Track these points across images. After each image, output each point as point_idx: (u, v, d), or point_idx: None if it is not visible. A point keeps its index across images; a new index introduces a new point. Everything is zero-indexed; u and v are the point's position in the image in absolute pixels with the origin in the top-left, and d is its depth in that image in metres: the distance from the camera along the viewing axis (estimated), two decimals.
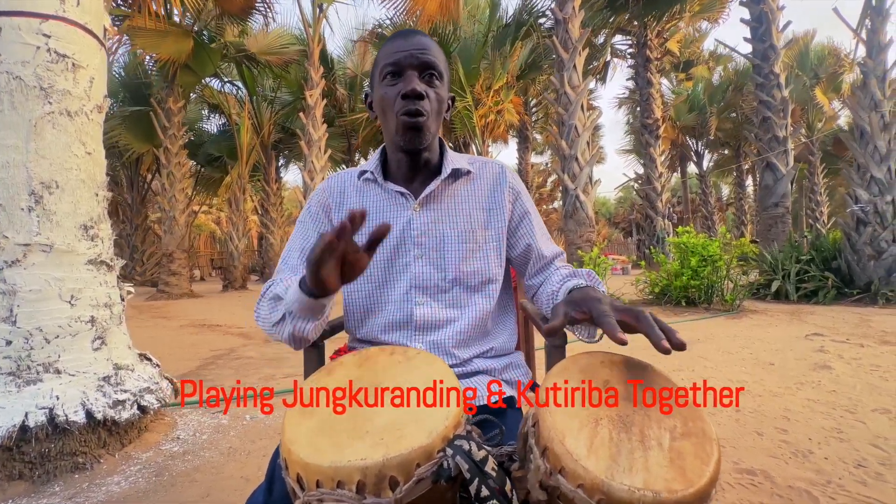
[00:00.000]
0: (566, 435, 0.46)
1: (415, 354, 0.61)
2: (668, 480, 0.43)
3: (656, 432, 0.48)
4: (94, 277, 1.96)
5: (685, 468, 0.44)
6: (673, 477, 0.43)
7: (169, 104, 9.26)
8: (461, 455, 0.45)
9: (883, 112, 5.85)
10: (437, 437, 0.46)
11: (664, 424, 0.49)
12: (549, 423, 0.48)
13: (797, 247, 6.36)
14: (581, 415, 0.49)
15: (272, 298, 0.77)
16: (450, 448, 0.46)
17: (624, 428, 0.48)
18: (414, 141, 0.80)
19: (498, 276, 0.86)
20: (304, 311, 0.68)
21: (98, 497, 1.61)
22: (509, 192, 0.88)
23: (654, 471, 0.43)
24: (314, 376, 0.59)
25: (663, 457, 0.45)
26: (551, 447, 0.46)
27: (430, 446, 0.45)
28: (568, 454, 0.45)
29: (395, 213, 0.86)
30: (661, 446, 0.46)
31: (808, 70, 13.71)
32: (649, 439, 0.47)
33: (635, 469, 0.43)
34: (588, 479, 0.43)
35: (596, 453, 0.45)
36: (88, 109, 2.00)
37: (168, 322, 6.12)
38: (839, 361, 3.02)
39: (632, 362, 0.57)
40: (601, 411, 0.49)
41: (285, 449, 0.48)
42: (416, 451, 0.44)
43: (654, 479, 0.42)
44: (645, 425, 0.48)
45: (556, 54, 7.29)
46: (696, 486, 0.43)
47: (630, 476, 0.43)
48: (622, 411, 0.50)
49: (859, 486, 1.54)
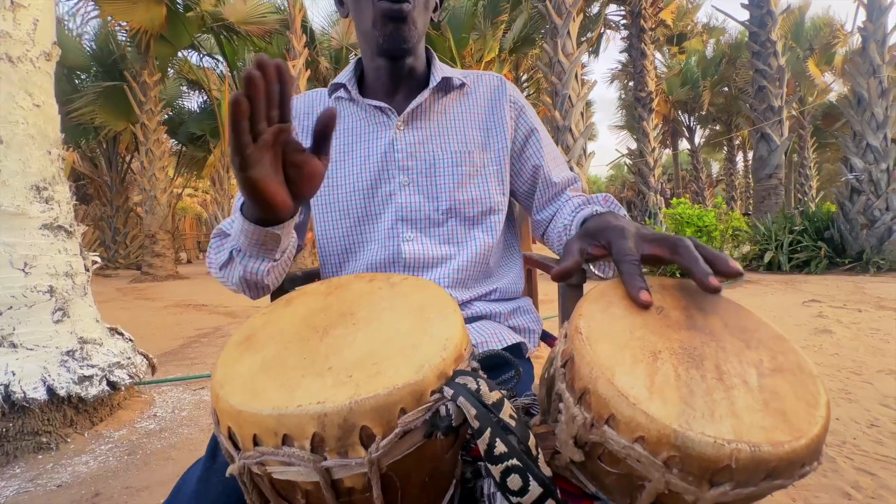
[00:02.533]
0: (616, 371, 0.33)
1: (400, 280, 0.47)
2: (768, 429, 0.30)
3: (737, 367, 0.35)
4: (52, 244, 1.78)
5: (786, 413, 0.31)
6: (773, 424, 0.30)
7: (144, 77, 8.79)
8: (466, 396, 0.32)
9: (881, 78, 5.73)
10: (432, 373, 0.32)
11: (746, 358, 0.36)
12: (589, 357, 0.34)
13: (790, 218, 6.32)
14: (632, 346, 0.35)
15: (217, 235, 0.63)
16: (449, 387, 0.32)
17: (693, 363, 0.34)
18: (396, 36, 0.64)
19: (501, 205, 0.71)
20: (253, 247, 0.52)
21: (63, 478, 1.47)
22: (510, 108, 0.73)
23: (744, 417, 0.30)
24: (268, 307, 0.45)
25: (753, 398, 0.32)
26: (595, 389, 0.33)
27: (420, 384, 0.32)
28: (621, 396, 0.31)
29: (374, 133, 0.70)
30: (748, 385, 0.33)
31: (803, 41, 13.52)
32: (730, 376, 0.34)
33: (718, 415, 0.30)
34: (653, 429, 0.30)
35: (661, 395, 0.31)
36: (34, 56, 1.77)
37: (152, 303, 5.92)
38: (839, 326, 2.98)
39: (688, 285, 0.44)
40: (658, 342, 0.36)
41: (213, 395, 0.34)
42: (400, 391, 0.31)
43: (747, 428, 0.30)
44: (721, 359, 0.35)
45: (549, 21, 7.01)
46: (808, 434, 0.30)
47: (713, 424, 0.30)
48: (686, 342, 0.36)
49: (875, 445, 1.47)
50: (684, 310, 0.40)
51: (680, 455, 0.29)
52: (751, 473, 0.29)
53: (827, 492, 1.23)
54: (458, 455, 0.41)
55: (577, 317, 0.38)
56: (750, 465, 0.29)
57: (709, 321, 0.39)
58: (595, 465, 0.35)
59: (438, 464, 0.37)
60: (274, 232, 0.50)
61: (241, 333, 0.41)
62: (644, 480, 0.32)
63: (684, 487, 0.30)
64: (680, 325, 0.38)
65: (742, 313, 0.41)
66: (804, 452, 0.30)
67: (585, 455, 0.35)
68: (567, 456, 0.35)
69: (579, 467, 0.37)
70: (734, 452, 0.28)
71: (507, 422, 0.32)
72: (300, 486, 0.33)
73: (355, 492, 0.32)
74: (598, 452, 0.34)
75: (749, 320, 0.40)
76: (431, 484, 0.37)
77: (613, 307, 0.40)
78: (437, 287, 0.44)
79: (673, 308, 0.40)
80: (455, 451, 0.39)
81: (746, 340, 0.38)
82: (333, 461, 0.30)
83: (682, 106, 17.36)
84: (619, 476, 0.34)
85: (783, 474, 0.30)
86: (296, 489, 0.33)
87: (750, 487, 0.30)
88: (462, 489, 0.42)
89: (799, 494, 1.23)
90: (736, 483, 0.29)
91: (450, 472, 0.40)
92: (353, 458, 0.30)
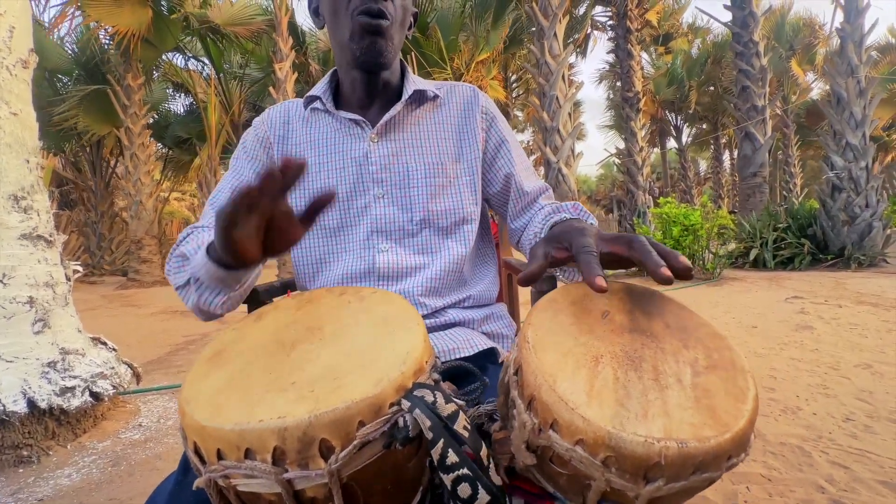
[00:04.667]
0: (557, 378, 0.35)
1: (370, 294, 0.48)
2: (696, 426, 0.32)
3: (673, 367, 0.37)
4: (31, 254, 1.76)
5: (715, 408, 0.33)
6: (702, 421, 0.32)
7: (128, 81, 8.67)
8: (422, 408, 0.33)
9: (859, 78, 5.87)
10: (390, 387, 0.34)
11: (682, 357, 0.38)
12: (534, 365, 0.36)
13: (775, 215, 6.45)
14: (576, 353, 0.37)
15: (179, 256, 0.61)
16: (407, 400, 0.34)
17: (632, 365, 0.36)
18: (373, 50, 0.65)
19: (473, 215, 0.73)
20: (212, 282, 0.52)
21: (45, 491, 1.46)
22: (482, 119, 0.75)
23: (675, 414, 0.32)
24: (240, 322, 0.46)
25: (685, 396, 0.34)
26: (539, 395, 0.35)
27: (378, 398, 0.33)
28: (561, 402, 0.33)
29: (348, 145, 0.71)
30: (682, 383, 0.35)
31: (784, 42, 13.79)
32: (665, 376, 0.36)
33: (651, 414, 0.32)
34: (590, 431, 0.32)
35: (598, 398, 0.33)
36: (10, 63, 1.75)
37: (138, 310, 5.84)
38: (819, 322, 3.05)
39: (635, 289, 0.45)
40: (601, 346, 0.38)
41: (180, 411, 0.35)
42: (358, 405, 0.32)
43: (676, 426, 0.31)
44: (658, 360, 0.37)
45: (536, 22, 7.07)
46: (733, 429, 0.32)
47: (645, 423, 0.32)
48: (628, 346, 0.38)
49: (850, 439, 1.51)
50: (629, 313, 0.42)
51: (615, 455, 0.31)
52: (680, 468, 0.31)
53: (801, 485, 1.27)
54: (423, 462, 0.42)
55: (526, 325, 0.40)
56: (678, 461, 0.31)
57: (652, 323, 0.41)
58: (548, 466, 0.37)
59: (401, 472, 0.38)
60: (236, 275, 0.51)
61: (211, 349, 0.42)
62: (589, 480, 0.34)
63: (623, 485, 0.32)
64: (623, 329, 0.40)
65: (683, 314, 0.43)
66: (729, 446, 0.31)
67: (538, 458, 0.37)
68: (522, 460, 0.37)
69: (536, 469, 0.39)
70: (663, 450, 0.30)
71: (461, 433, 0.33)
72: (264, 497, 0.34)
73: (318, 501, 0.34)
74: (549, 455, 0.36)
75: (689, 320, 0.42)
76: (395, 492, 0.38)
77: (561, 314, 0.41)
78: (402, 300, 0.45)
79: (618, 312, 0.42)
80: (420, 459, 0.41)
81: (685, 340, 0.40)
82: (294, 473, 0.31)
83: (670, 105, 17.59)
84: (569, 476, 0.36)
85: (710, 467, 0.32)
86: (260, 500, 0.34)
87: (681, 482, 0.32)
88: (431, 495, 0.44)
89: (774, 489, 1.26)
90: (668, 478, 0.31)
91: (415, 479, 0.41)
92: (314, 469, 0.31)
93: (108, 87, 9.01)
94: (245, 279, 0.53)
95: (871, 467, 1.34)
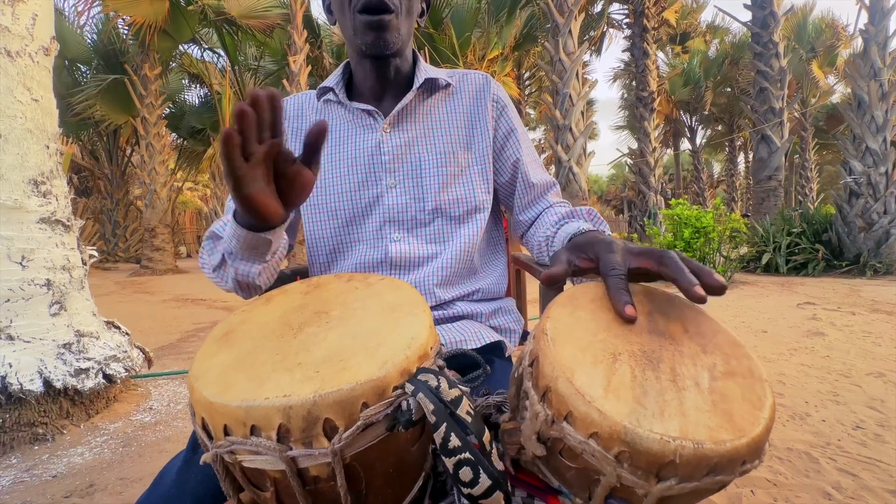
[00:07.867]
0: (575, 371, 0.35)
1: (377, 280, 0.48)
2: (713, 428, 0.32)
3: (691, 370, 0.37)
4: (49, 238, 1.80)
5: (732, 413, 0.33)
6: (718, 424, 0.32)
7: (145, 71, 8.79)
8: (425, 392, 0.33)
9: (882, 81, 5.73)
10: (395, 370, 0.34)
11: (701, 362, 0.38)
12: (552, 357, 0.36)
13: (789, 220, 6.33)
14: (594, 349, 0.37)
15: (210, 238, 0.64)
16: (411, 384, 0.34)
17: (650, 365, 0.36)
18: (378, 44, 0.65)
19: (485, 203, 0.73)
20: (245, 250, 0.54)
21: (58, 468, 1.50)
22: (493, 106, 0.75)
23: (692, 416, 0.32)
24: (248, 304, 0.47)
25: (703, 399, 0.34)
26: (555, 387, 0.35)
27: (382, 380, 0.33)
28: (578, 395, 0.33)
29: (360, 135, 0.72)
30: (699, 387, 0.35)
31: (806, 43, 13.47)
32: (683, 378, 0.36)
33: (668, 414, 0.32)
34: (605, 425, 0.32)
35: (616, 394, 0.33)
36: (32, 50, 1.79)
37: (150, 297, 5.95)
38: (832, 328, 2.99)
39: (654, 292, 0.45)
40: (619, 344, 0.38)
41: (189, 387, 0.36)
42: (363, 386, 0.33)
43: (693, 426, 0.31)
44: (676, 362, 0.37)
45: (551, 19, 7.00)
46: (750, 434, 0.32)
47: (661, 422, 0.32)
48: (646, 346, 0.38)
49: (859, 447, 1.49)
50: (648, 315, 0.42)
51: (629, 450, 0.31)
52: (694, 469, 0.31)
53: (808, 492, 1.26)
54: (426, 448, 0.43)
55: (544, 319, 0.40)
56: (693, 461, 0.31)
57: (670, 326, 0.41)
58: (556, 459, 0.37)
59: (404, 456, 0.39)
60: (265, 237, 0.52)
61: (220, 329, 0.43)
62: (599, 474, 0.34)
63: (634, 481, 0.32)
64: (642, 330, 0.40)
65: (702, 319, 0.43)
66: (745, 451, 0.31)
67: (547, 450, 0.37)
68: (530, 451, 0.37)
69: (543, 462, 0.39)
70: (678, 449, 0.30)
71: (464, 418, 0.33)
72: (269, 474, 0.34)
73: (321, 480, 0.34)
74: (559, 448, 0.36)
75: (708, 326, 0.42)
76: (397, 475, 0.39)
77: (580, 310, 0.42)
78: (409, 287, 0.46)
79: (637, 313, 0.42)
80: (423, 445, 0.41)
81: (703, 345, 0.40)
82: (298, 451, 0.32)
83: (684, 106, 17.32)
84: (578, 471, 0.36)
85: (724, 470, 0.32)
86: (265, 477, 0.35)
87: (693, 482, 0.32)
88: (434, 481, 0.44)
89: (780, 494, 1.25)
90: (680, 477, 0.31)
91: (417, 464, 0.41)
92: (318, 448, 0.32)
93: (125, 77, 9.13)
94: (275, 245, 0.54)
95: (880, 476, 1.32)
